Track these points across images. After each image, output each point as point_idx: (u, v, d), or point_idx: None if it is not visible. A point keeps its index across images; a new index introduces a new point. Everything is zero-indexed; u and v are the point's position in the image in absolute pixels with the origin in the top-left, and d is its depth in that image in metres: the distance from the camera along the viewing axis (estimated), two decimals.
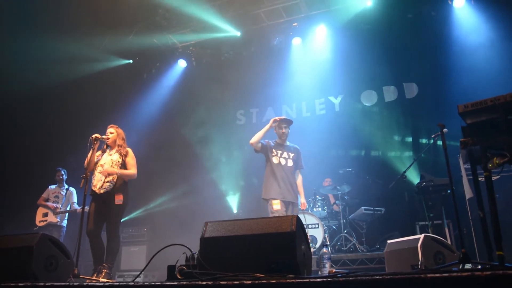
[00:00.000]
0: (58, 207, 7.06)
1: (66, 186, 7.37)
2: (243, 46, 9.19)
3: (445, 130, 3.42)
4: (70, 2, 7.41)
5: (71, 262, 3.89)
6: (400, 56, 7.87)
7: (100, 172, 5.13)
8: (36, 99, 8.49)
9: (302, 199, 5.59)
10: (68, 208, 7.19)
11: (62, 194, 7.25)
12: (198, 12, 8.20)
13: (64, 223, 7.17)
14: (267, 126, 5.57)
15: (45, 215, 7.04)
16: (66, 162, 8.99)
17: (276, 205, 5.16)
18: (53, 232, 6.81)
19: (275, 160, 5.48)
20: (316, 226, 6.69)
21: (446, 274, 1.82)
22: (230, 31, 8.80)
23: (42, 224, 6.98)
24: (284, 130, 5.63)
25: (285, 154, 5.56)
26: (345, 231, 6.95)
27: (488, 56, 6.95)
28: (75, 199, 7.28)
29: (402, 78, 8.13)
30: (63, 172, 7.42)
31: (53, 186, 7.36)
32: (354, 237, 6.86)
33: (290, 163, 5.51)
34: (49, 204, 7.08)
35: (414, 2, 7.64)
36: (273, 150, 5.55)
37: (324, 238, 6.59)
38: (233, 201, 8.75)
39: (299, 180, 5.64)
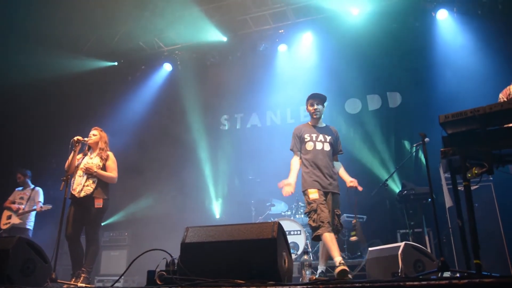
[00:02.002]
0: (21, 207, 6.85)
1: (32, 186, 7.18)
2: (229, 51, 9.20)
3: (426, 139, 3.48)
4: (51, 2, 7.30)
5: (48, 266, 3.84)
6: (384, 65, 7.96)
7: (80, 176, 5.07)
8: (18, 100, 8.37)
9: (349, 178, 4.72)
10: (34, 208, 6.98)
11: (27, 195, 7.04)
12: (185, 16, 8.19)
13: (29, 225, 6.91)
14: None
15: (9, 217, 6.82)
16: (47, 164, 8.87)
17: (313, 194, 4.41)
18: (17, 235, 6.57)
19: (309, 146, 4.68)
20: (298, 232, 6.69)
21: (425, 282, 1.84)
22: (216, 36, 8.80)
23: (6, 226, 6.74)
24: (316, 107, 4.83)
25: (320, 137, 4.73)
26: None
27: (469, 67, 7.08)
28: (41, 198, 7.05)
29: (386, 87, 8.22)
30: (26, 173, 7.22)
31: (20, 188, 7.19)
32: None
33: (327, 147, 4.69)
34: (12, 205, 6.89)
35: (399, 13, 7.76)
36: (305, 136, 4.75)
37: (306, 244, 6.59)
38: (216, 206, 8.72)
39: (340, 165, 4.88)
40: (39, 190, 7.14)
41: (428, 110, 7.18)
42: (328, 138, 4.75)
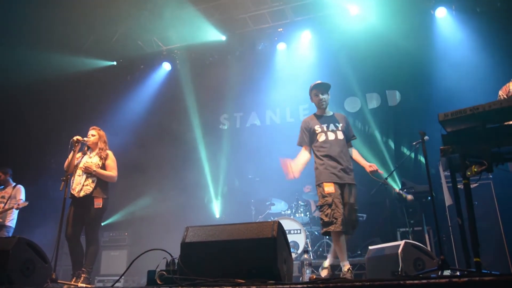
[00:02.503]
0: (1, 206, 6.80)
1: (14, 184, 7.14)
2: (228, 50, 9.20)
3: (426, 137, 3.48)
4: (52, 1, 7.29)
5: (49, 267, 3.84)
6: (383, 64, 7.94)
7: (79, 176, 5.07)
8: (16, 99, 8.35)
9: (366, 162, 4.56)
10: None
11: (8, 193, 6.97)
12: (184, 16, 8.18)
13: (11, 223, 6.82)
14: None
15: None
16: (46, 164, 8.86)
17: (329, 187, 4.25)
18: None
19: (321, 137, 4.50)
20: (298, 231, 6.70)
21: (425, 281, 1.84)
22: (215, 35, 8.79)
23: None
24: (321, 97, 4.61)
25: (332, 126, 4.53)
26: (327, 236, 6.97)
27: (468, 64, 7.08)
28: (22, 196, 6.96)
29: (385, 85, 8.21)
30: (7, 171, 7.15)
31: (1, 187, 7.12)
32: None
33: (340, 135, 4.49)
34: None
35: (398, 11, 7.75)
36: (315, 127, 4.58)
37: (306, 243, 6.59)
38: (216, 206, 8.72)
39: (354, 153, 4.67)
40: (21, 188, 7.06)
41: (428, 108, 7.18)
42: (340, 125, 4.56)
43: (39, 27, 7.68)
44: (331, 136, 4.48)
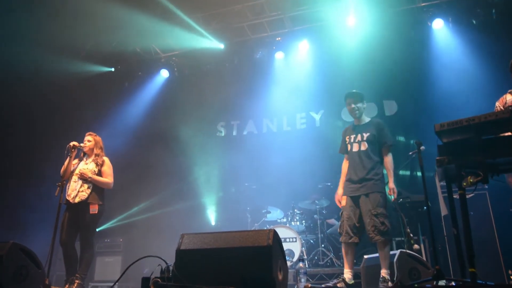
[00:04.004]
0: None
1: None
2: (226, 58, 9.23)
3: (422, 148, 3.50)
4: (51, 6, 7.31)
5: (42, 272, 3.81)
6: (380, 74, 7.97)
7: (75, 182, 5.05)
8: (12, 104, 8.32)
9: (390, 184, 4.40)
10: None
11: None
12: (182, 23, 8.21)
13: None
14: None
15: None
16: (42, 169, 8.82)
17: (344, 200, 4.49)
18: None
19: (349, 148, 4.67)
20: (294, 240, 6.68)
21: None
22: (213, 43, 8.82)
23: None
24: (352, 106, 4.63)
25: (358, 137, 4.58)
26: (323, 245, 6.97)
27: (465, 75, 7.13)
28: None
29: (382, 95, 8.25)
30: None
31: None
32: (331, 252, 6.87)
33: (363, 146, 4.50)
34: None
35: (395, 22, 7.81)
36: (346, 138, 4.74)
37: (302, 252, 6.57)
38: (212, 213, 8.69)
39: (386, 160, 4.51)
40: None
41: (424, 119, 7.21)
42: (366, 135, 4.53)
43: (38, 32, 7.68)
44: (355, 148, 4.59)
